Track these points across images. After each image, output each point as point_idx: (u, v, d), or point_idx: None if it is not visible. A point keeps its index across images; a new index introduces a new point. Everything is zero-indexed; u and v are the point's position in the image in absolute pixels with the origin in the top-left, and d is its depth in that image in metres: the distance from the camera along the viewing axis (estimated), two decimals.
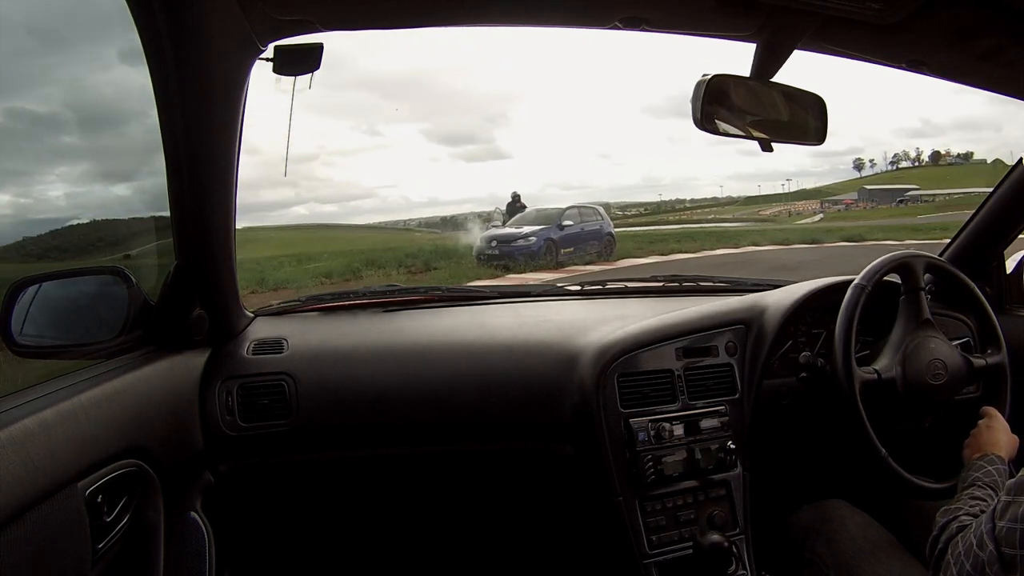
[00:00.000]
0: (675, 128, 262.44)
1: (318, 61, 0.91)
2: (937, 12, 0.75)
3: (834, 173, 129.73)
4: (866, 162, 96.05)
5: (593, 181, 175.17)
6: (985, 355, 1.11)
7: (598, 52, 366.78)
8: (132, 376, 0.93)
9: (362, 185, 40.53)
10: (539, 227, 10.18)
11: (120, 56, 1.06)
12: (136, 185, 1.66)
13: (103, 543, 0.79)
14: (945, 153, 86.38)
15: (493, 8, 0.88)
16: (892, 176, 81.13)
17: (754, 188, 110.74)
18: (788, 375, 1.16)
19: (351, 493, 1.30)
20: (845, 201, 50.16)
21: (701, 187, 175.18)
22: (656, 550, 1.07)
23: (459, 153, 45.29)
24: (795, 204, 47.45)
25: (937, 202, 41.65)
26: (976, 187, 50.46)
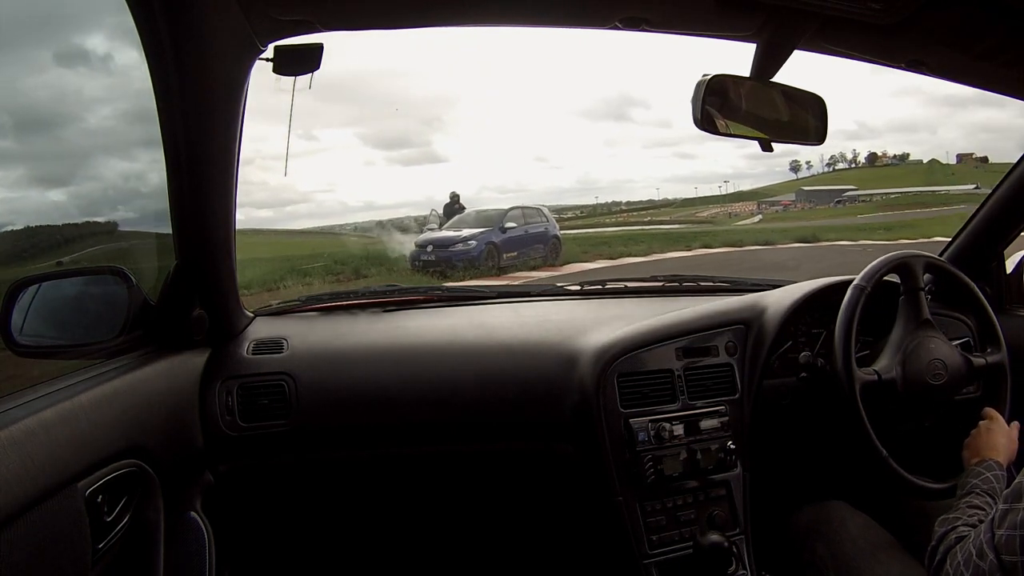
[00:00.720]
0: (611, 131, 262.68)
1: (318, 61, 0.91)
2: (937, 12, 0.75)
3: (770, 175, 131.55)
4: (803, 164, 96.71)
5: (530, 184, 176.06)
6: (985, 354, 1.11)
7: (534, 55, 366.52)
8: (132, 376, 0.93)
9: (298, 190, 40.48)
10: (479, 230, 9.33)
11: (56, 59, 1.06)
12: (72, 191, 1.64)
13: (103, 543, 0.79)
14: (882, 154, 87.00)
15: (492, 8, 0.88)
16: (829, 177, 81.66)
17: (691, 190, 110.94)
18: (788, 375, 1.16)
19: (351, 493, 1.30)
20: (783, 202, 50.30)
21: (637, 190, 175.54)
22: (656, 550, 1.08)
23: (395, 157, 45.29)
24: (733, 206, 47.55)
25: (875, 202, 41.86)
26: (913, 187, 50.50)
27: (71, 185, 2.49)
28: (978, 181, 51.04)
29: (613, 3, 0.82)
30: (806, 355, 1.12)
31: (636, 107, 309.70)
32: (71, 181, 2.30)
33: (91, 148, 2.31)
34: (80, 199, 2.61)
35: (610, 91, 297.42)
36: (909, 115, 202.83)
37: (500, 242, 9.37)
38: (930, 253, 1.18)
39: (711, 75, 0.82)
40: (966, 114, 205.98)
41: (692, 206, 55.43)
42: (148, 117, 0.86)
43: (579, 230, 20.56)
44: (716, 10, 0.79)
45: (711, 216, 38.04)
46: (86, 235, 1.17)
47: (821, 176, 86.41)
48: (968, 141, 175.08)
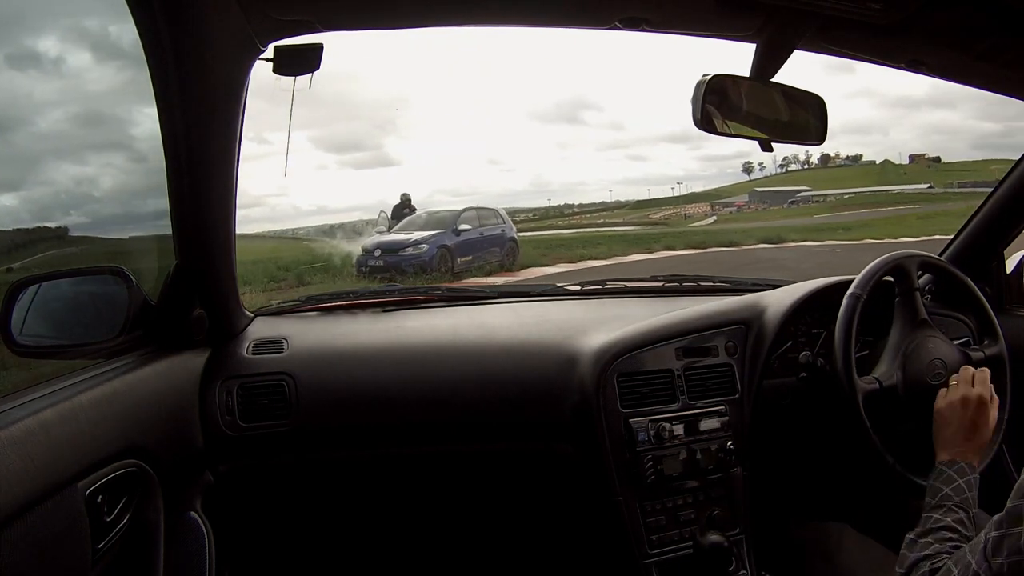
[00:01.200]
0: (564, 134, 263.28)
1: (318, 61, 0.91)
2: (937, 12, 0.75)
3: (722, 176, 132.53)
4: (755, 165, 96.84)
5: (483, 187, 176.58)
6: (983, 347, 1.11)
7: (486, 58, 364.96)
8: (132, 376, 0.93)
9: (250, 194, 38.91)
10: (432, 233, 8.81)
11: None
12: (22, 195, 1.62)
13: (103, 543, 0.79)
14: (835, 156, 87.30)
15: (493, 8, 0.88)
16: (782, 178, 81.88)
17: (644, 192, 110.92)
18: (788, 375, 1.16)
19: (351, 493, 1.29)
20: (737, 203, 50.27)
21: (590, 192, 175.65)
22: (656, 550, 1.08)
23: (347, 160, 44.81)
24: (686, 207, 47.59)
25: (829, 202, 41.86)
26: (867, 187, 50.51)
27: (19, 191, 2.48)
28: (931, 181, 51.15)
29: (613, 3, 0.82)
30: (806, 355, 1.11)
31: (589, 110, 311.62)
32: (20, 186, 2.29)
33: (39, 152, 2.30)
34: (29, 203, 2.60)
35: (563, 94, 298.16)
36: (862, 117, 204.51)
37: (454, 245, 8.82)
38: (929, 253, 1.18)
39: (711, 75, 0.82)
40: (919, 116, 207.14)
41: (645, 208, 55.43)
42: (100, 121, 0.85)
43: (533, 232, 20.31)
44: (716, 10, 0.79)
45: (664, 217, 38.09)
46: (36, 240, 1.17)
47: (774, 177, 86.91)
48: (921, 142, 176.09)
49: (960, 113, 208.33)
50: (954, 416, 0.90)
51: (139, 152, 2.73)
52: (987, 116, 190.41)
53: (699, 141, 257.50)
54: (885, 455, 0.99)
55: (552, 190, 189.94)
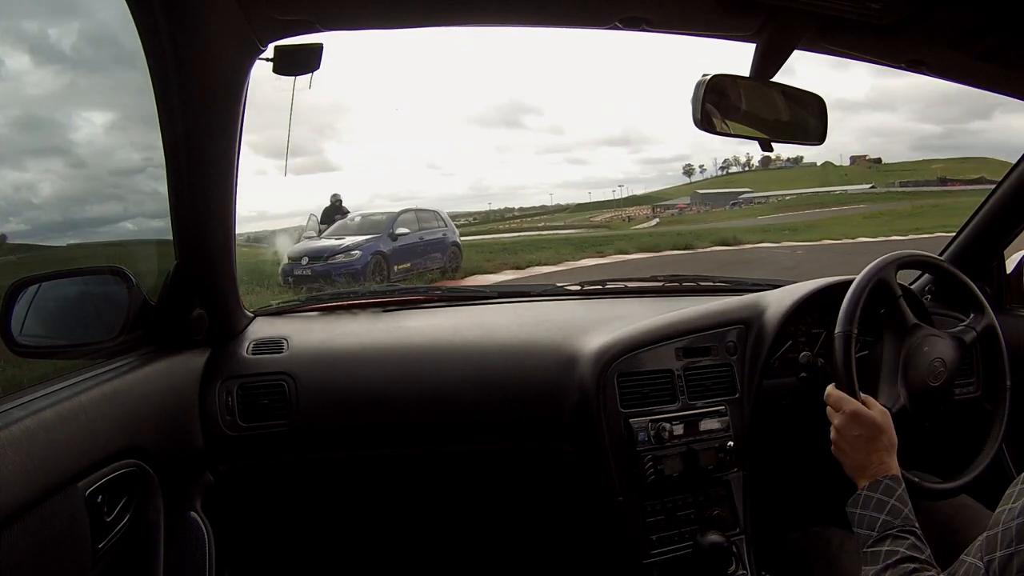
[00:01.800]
0: (503, 138, 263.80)
1: (318, 61, 0.91)
2: (937, 12, 0.75)
3: (663, 179, 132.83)
4: (696, 168, 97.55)
5: (422, 191, 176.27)
6: (972, 323, 1.08)
7: (424, 62, 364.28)
8: (132, 376, 0.93)
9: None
10: (365, 238, 8.01)
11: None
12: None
13: (103, 543, 0.79)
14: (775, 158, 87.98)
15: (493, 8, 0.88)
16: (723, 180, 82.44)
17: (584, 195, 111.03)
18: (788, 375, 1.16)
19: (351, 493, 1.30)
20: (679, 205, 50.32)
21: (530, 195, 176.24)
22: (656, 550, 1.07)
23: (288, 166, 43.66)
24: (626, 210, 47.66)
25: (772, 203, 41.89)
26: (808, 188, 50.80)
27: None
28: (873, 181, 51.36)
29: (613, 3, 0.82)
30: (806, 355, 1.11)
31: (528, 113, 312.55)
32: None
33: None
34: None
35: (502, 97, 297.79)
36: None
37: (390, 251, 8.06)
38: (931, 252, 1.18)
39: (711, 75, 0.82)
40: (858, 118, 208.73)
41: (586, 211, 55.41)
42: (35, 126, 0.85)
43: (476, 236, 19.89)
44: (716, 10, 0.79)
45: (606, 220, 38.05)
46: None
47: (715, 179, 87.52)
48: (860, 144, 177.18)
49: (900, 115, 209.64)
50: (845, 444, 0.87)
51: (79, 158, 2.72)
52: (926, 118, 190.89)
53: (639, 144, 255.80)
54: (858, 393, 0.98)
55: (492, 194, 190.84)
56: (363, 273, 7.60)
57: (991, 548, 0.61)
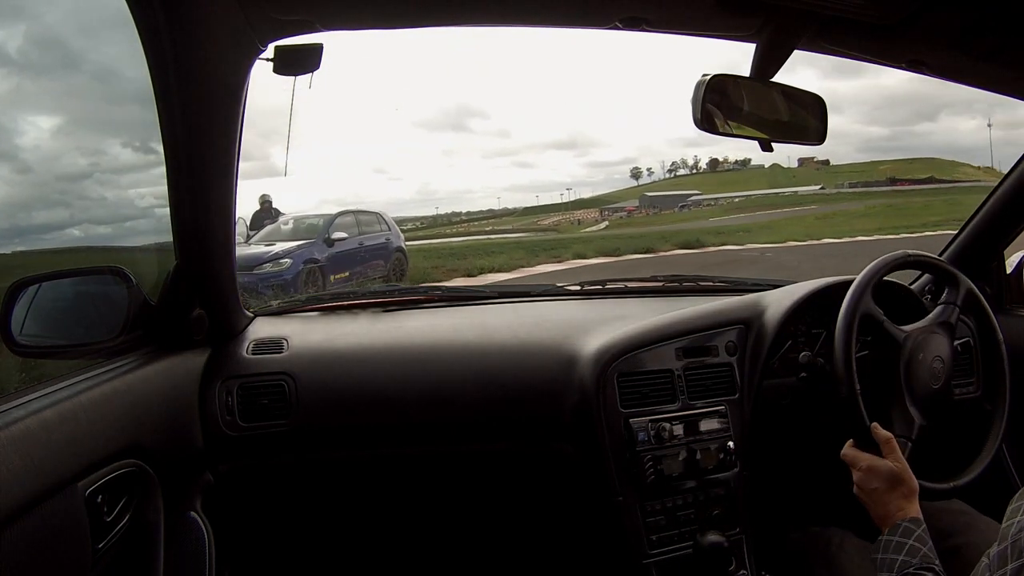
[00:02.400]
0: (450, 141, 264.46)
1: (318, 61, 0.91)
2: (937, 12, 0.75)
3: (610, 182, 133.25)
4: (643, 171, 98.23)
5: (369, 196, 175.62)
6: (948, 298, 1.08)
7: (370, 66, 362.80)
8: (132, 376, 0.93)
9: (136, 205, 35.36)
10: (297, 243, 7.04)
11: None
12: None
13: (103, 543, 0.79)
14: (723, 160, 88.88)
15: (493, 8, 0.88)
16: (671, 183, 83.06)
17: (532, 199, 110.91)
18: (788, 375, 1.16)
19: (351, 493, 1.30)
20: (627, 208, 50.29)
21: (477, 199, 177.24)
22: (656, 550, 1.07)
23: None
24: (575, 213, 47.66)
25: (722, 205, 41.95)
26: (758, 189, 51.02)
27: None
28: (822, 182, 51.56)
29: (613, 3, 0.82)
30: (806, 355, 1.11)
31: (475, 117, 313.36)
32: None
33: None
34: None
35: (448, 101, 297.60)
36: None
37: (325, 259, 7.11)
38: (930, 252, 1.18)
39: (711, 75, 0.82)
40: None
41: (534, 214, 55.53)
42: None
43: (422, 241, 19.50)
44: (716, 10, 0.79)
45: (554, 224, 38.08)
46: None
47: (663, 182, 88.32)
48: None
49: (846, 117, 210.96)
50: (865, 497, 0.90)
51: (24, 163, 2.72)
52: (873, 121, 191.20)
53: (586, 148, 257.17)
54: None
55: (439, 198, 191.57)
56: (293, 284, 6.61)
57: (1002, 563, 0.61)
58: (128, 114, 2.97)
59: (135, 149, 2.70)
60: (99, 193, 3.68)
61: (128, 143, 2.98)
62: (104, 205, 3.50)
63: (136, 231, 3.73)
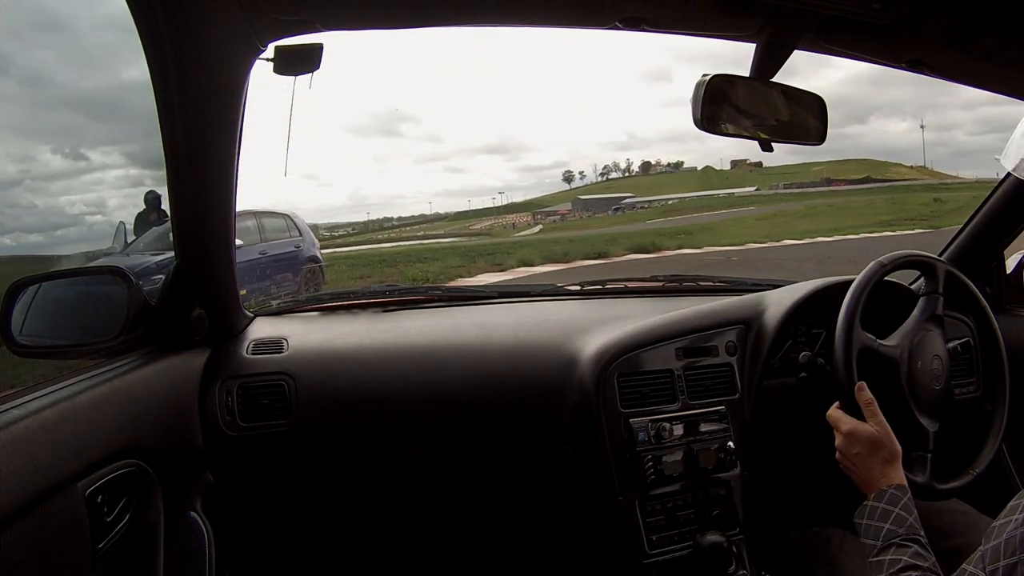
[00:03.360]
0: (381, 147, 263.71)
1: (318, 61, 0.91)
2: (937, 12, 0.75)
3: (542, 186, 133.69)
4: (576, 174, 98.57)
5: (301, 203, 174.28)
6: (928, 289, 1.08)
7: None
8: (132, 376, 0.93)
9: (67, 213, 32.09)
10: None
11: None
12: None
13: (103, 543, 0.79)
14: (655, 163, 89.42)
15: (493, 8, 0.88)
16: (603, 186, 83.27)
17: (464, 204, 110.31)
18: (788, 375, 1.16)
19: (351, 493, 1.30)
20: (560, 212, 50.37)
21: (409, 205, 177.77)
22: (656, 550, 1.07)
23: (162, 177, 39.13)
24: (508, 217, 47.61)
25: (657, 208, 41.90)
26: (690, 192, 51.13)
27: None
28: (757, 184, 51.66)
29: (613, 3, 0.82)
30: (806, 355, 1.11)
31: (406, 122, 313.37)
32: None
33: None
34: None
35: (379, 106, 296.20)
36: (680, 126, 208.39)
37: None
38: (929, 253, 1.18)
39: (711, 75, 0.82)
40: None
41: (466, 219, 55.55)
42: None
43: (352, 248, 18.75)
44: (716, 10, 0.79)
45: (486, 228, 38.01)
46: None
47: (595, 185, 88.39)
48: (738, 148, 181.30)
49: None
50: (847, 462, 0.90)
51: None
52: None
53: (517, 152, 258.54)
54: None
55: (371, 204, 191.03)
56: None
57: (995, 558, 0.62)
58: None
59: (64, 155, 2.69)
60: (29, 201, 3.61)
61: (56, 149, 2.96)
62: (35, 213, 3.48)
63: (66, 240, 3.60)
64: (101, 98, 4.20)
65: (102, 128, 3.76)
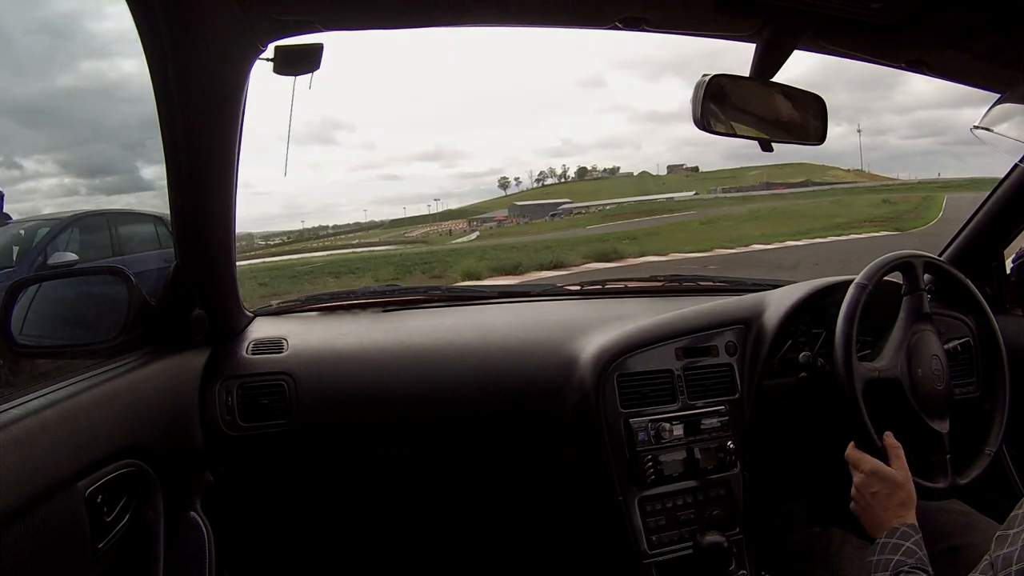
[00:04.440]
0: (316, 155, 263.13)
1: (318, 61, 0.91)
2: (937, 12, 0.75)
3: (477, 193, 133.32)
4: (511, 180, 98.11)
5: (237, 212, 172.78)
6: (909, 288, 1.07)
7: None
8: (132, 376, 0.93)
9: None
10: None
11: None
12: None
13: (103, 543, 0.79)
14: (592, 169, 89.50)
15: (492, 8, 0.88)
16: (539, 192, 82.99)
17: (399, 211, 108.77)
18: (788, 375, 1.16)
19: (351, 493, 1.30)
20: (497, 218, 49.79)
21: (344, 213, 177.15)
22: (656, 550, 1.07)
23: (98, 185, 35.34)
24: (444, 224, 47.36)
25: (594, 213, 41.34)
26: (628, 197, 51.19)
27: None
28: (695, 189, 51.98)
29: (613, 3, 0.82)
30: (806, 355, 1.11)
31: (340, 130, 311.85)
32: None
33: None
34: None
35: (313, 115, 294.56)
36: (615, 131, 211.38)
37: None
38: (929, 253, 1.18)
39: (711, 75, 0.82)
40: (669, 129, 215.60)
41: (401, 226, 54.61)
42: None
43: (281, 257, 18.41)
44: (716, 10, 0.79)
45: (422, 235, 37.39)
46: None
47: (531, 191, 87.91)
48: (674, 154, 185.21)
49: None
50: (863, 501, 0.90)
51: None
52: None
53: (452, 159, 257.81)
54: (879, 444, 0.98)
55: (307, 212, 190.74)
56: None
57: (1006, 564, 0.62)
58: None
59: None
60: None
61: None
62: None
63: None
64: (32, 104, 4.18)
65: (37, 135, 3.72)
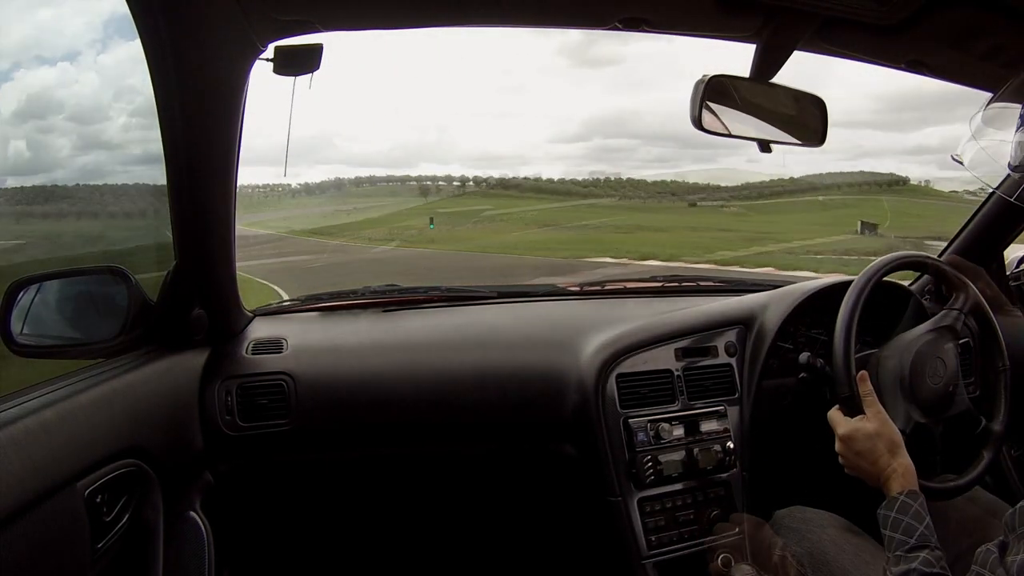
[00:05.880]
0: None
1: (318, 61, 0.91)
2: (937, 12, 0.75)
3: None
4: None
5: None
6: (953, 306, 1.06)
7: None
8: (132, 376, 0.93)
9: None
10: None
11: None
12: None
13: (103, 543, 0.79)
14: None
15: (493, 8, 0.88)
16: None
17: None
18: (788, 375, 1.16)
19: (351, 493, 1.30)
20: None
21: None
22: (655, 550, 1.08)
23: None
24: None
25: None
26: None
27: None
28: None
29: (613, 3, 0.82)
30: (806, 356, 1.11)
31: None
32: None
33: None
34: None
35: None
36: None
37: None
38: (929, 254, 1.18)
39: (710, 75, 0.82)
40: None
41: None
42: None
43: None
44: (716, 10, 0.79)
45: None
46: None
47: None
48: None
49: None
50: (851, 465, 0.90)
51: None
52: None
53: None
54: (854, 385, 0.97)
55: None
56: None
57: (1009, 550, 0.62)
58: None
59: None
60: None
61: None
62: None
63: None
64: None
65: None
